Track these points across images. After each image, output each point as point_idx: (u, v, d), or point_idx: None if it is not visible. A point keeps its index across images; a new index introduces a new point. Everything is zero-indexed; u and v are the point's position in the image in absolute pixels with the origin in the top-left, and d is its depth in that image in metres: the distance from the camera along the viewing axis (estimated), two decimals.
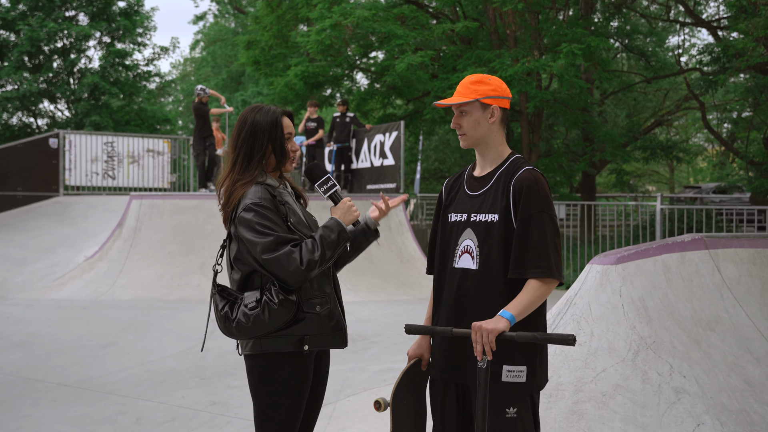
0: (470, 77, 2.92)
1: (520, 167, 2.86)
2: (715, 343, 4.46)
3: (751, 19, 11.90)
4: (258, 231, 2.80)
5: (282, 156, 2.98)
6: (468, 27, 14.29)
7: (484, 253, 2.83)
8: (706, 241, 4.96)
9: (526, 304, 2.69)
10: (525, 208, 2.76)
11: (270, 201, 2.87)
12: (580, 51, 12.97)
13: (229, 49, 38.58)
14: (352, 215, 2.99)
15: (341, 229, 2.92)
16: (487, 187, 2.89)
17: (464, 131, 2.90)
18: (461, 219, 2.93)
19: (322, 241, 2.85)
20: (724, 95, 22.38)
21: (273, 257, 2.78)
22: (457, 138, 18.42)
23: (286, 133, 2.98)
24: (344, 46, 15.67)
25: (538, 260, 2.72)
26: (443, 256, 2.98)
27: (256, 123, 2.94)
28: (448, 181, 3.12)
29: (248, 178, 2.92)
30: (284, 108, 3.06)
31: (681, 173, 41.20)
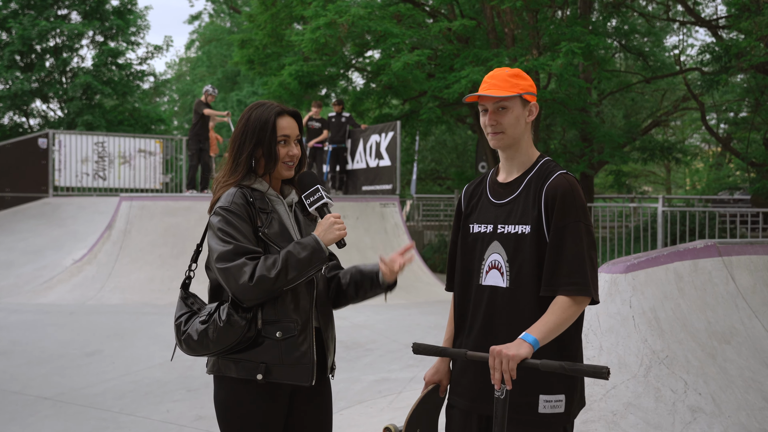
0: (505, 70, 2.62)
1: (552, 172, 2.57)
2: (731, 357, 4.20)
3: (754, 17, 11.65)
4: (219, 237, 2.55)
5: (269, 160, 2.66)
6: (465, 26, 14.01)
7: (515, 269, 2.54)
8: (719, 247, 4.70)
9: (552, 326, 2.40)
10: (559, 218, 2.48)
11: (241, 207, 2.58)
12: (580, 50, 12.71)
13: (225, 49, 38.30)
14: (334, 234, 2.63)
15: (316, 248, 2.57)
16: (516, 195, 2.60)
17: (503, 128, 2.58)
18: (487, 231, 2.64)
19: (286, 258, 2.52)
20: (721, 96, 22.16)
21: (225, 267, 2.50)
22: (454, 138, 18.12)
23: (280, 135, 2.66)
24: (339, 45, 15.38)
25: (573, 275, 2.44)
26: (466, 271, 2.69)
27: (250, 121, 2.68)
28: (467, 188, 2.82)
29: (232, 179, 2.66)
30: (280, 105, 2.75)
31: (677, 174, 41.02)
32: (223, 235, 2.54)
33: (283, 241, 2.63)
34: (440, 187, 30.75)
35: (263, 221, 2.62)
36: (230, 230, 2.54)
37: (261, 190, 2.67)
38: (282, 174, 2.71)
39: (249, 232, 2.57)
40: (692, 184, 39.15)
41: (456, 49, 14.82)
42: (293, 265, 2.52)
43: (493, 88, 2.57)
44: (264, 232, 2.60)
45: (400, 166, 14.55)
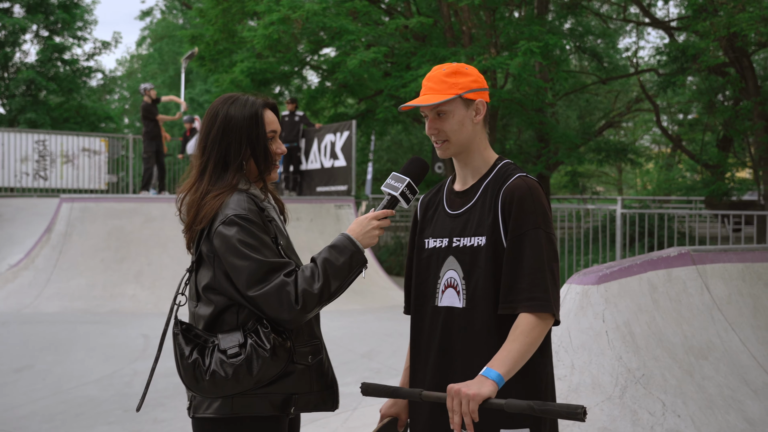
0: (442, 68, 2.29)
1: (510, 174, 2.25)
2: (710, 374, 3.93)
3: (711, 18, 11.57)
4: (243, 253, 2.14)
5: (265, 161, 2.31)
6: (422, 23, 13.70)
7: (472, 286, 2.22)
8: (693, 255, 4.44)
9: (516, 355, 2.07)
10: (517, 225, 2.16)
11: (257, 214, 2.21)
12: (539, 49, 12.51)
13: (177, 46, 37.41)
14: (373, 238, 2.26)
15: (355, 250, 2.22)
16: (472, 203, 2.28)
17: (446, 136, 2.26)
18: (442, 245, 2.31)
19: (325, 267, 2.17)
20: (671, 98, 22.30)
21: (262, 291, 2.12)
22: (410, 138, 17.75)
23: (269, 132, 2.32)
24: (293, 42, 14.94)
25: (532, 290, 2.11)
26: (421, 292, 2.36)
27: (231, 118, 2.28)
28: (423, 198, 2.49)
29: (224, 188, 2.26)
30: (262, 97, 2.38)
31: (628, 174, 41.50)
32: (248, 249, 2.14)
33: (292, 255, 2.31)
34: None
35: (271, 231, 2.25)
36: (256, 243, 2.16)
37: (259, 197, 2.30)
38: (272, 176, 2.36)
39: (271, 243, 2.21)
40: (643, 184, 39.63)
41: (413, 47, 14.51)
42: (334, 275, 2.17)
43: (429, 92, 2.25)
44: (280, 244, 2.23)
45: (356, 166, 14.17)
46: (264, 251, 2.14)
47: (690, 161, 24.51)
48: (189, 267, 2.32)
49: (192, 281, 2.31)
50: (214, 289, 2.22)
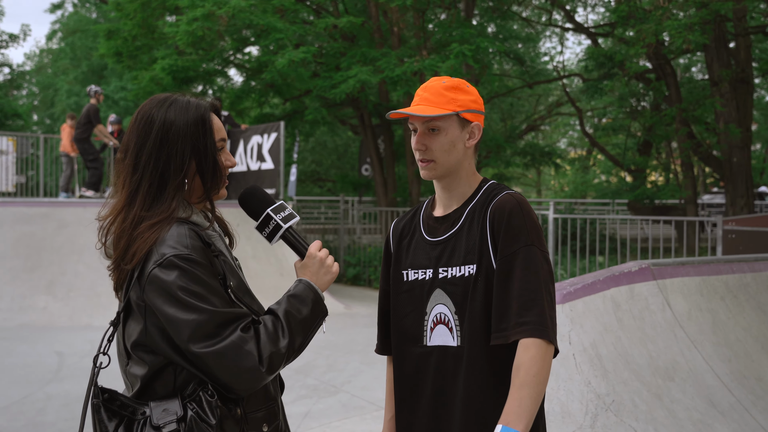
0: (442, 79, 2.00)
1: (497, 193, 2.00)
2: (677, 396, 3.76)
3: (639, 25, 11.70)
4: (186, 303, 1.70)
5: (214, 177, 1.88)
6: (352, 23, 13.39)
7: (466, 321, 1.95)
8: (653, 270, 4.28)
9: (530, 403, 1.81)
10: (507, 243, 1.91)
11: (202, 252, 1.77)
12: (471, 52, 12.39)
13: (90, 41, 35.93)
14: (330, 275, 1.92)
15: (317, 300, 1.87)
16: (457, 229, 2.01)
17: (434, 155, 1.99)
18: (425, 277, 2.03)
19: (289, 321, 1.79)
20: (592, 102, 22.75)
21: (213, 350, 1.69)
22: (335, 139, 17.31)
23: (218, 140, 1.89)
24: (218, 39, 14.37)
25: (525, 314, 1.85)
26: (403, 330, 2.07)
27: (171, 125, 1.83)
28: (396, 225, 2.19)
29: (161, 214, 1.80)
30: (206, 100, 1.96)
31: (545, 176, 42.39)
32: (194, 299, 1.71)
33: (245, 296, 1.86)
34: (321, 189, 30.14)
35: (220, 271, 1.82)
36: (202, 290, 1.72)
37: (201, 225, 1.86)
38: (221, 194, 1.93)
39: (220, 288, 1.78)
40: (561, 187, 40.55)
41: (342, 47, 14.18)
42: (297, 329, 1.81)
43: (424, 102, 1.97)
44: (231, 288, 1.81)
45: None
46: (213, 299, 1.72)
47: (604, 164, 25.13)
48: (114, 319, 1.86)
49: (120, 335, 1.86)
50: (146, 346, 1.79)
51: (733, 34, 14.15)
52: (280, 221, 1.92)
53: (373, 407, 6.05)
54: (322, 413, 5.87)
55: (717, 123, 14.03)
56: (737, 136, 13.24)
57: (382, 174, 15.80)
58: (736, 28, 13.98)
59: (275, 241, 1.94)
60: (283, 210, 1.94)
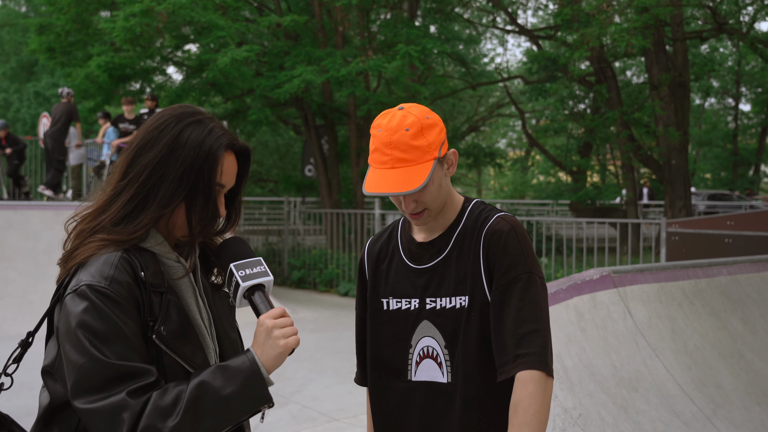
0: (403, 126, 1.76)
1: (487, 217, 1.85)
2: (642, 407, 3.70)
3: (583, 29, 11.81)
4: (80, 342, 1.44)
5: (206, 222, 1.60)
6: (296, 21, 13.15)
7: (458, 356, 1.80)
8: (613, 277, 4.22)
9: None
10: (504, 272, 1.77)
11: (126, 287, 1.49)
12: (417, 53, 12.31)
13: (20, 35, 34.62)
14: (280, 347, 1.54)
15: (252, 378, 1.50)
16: (444, 256, 1.86)
17: (426, 205, 1.82)
18: (410, 307, 1.87)
19: (196, 397, 1.45)
20: (529, 104, 23.02)
21: (90, 408, 1.42)
22: (276, 139, 16.98)
23: (219, 184, 1.60)
24: (156, 36, 13.92)
25: (525, 345, 1.71)
26: (383, 363, 1.91)
27: (182, 146, 1.57)
28: (371, 246, 2.02)
29: (120, 235, 1.55)
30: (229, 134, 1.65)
31: (484, 176, 42.86)
32: (90, 340, 1.44)
33: (185, 345, 1.56)
34: (262, 189, 29.74)
35: (156, 311, 1.53)
36: (105, 332, 1.45)
37: (153, 251, 1.60)
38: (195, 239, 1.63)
39: (136, 333, 1.49)
40: (500, 187, 41.06)
41: (286, 46, 13.92)
42: (207, 409, 1.45)
43: (400, 164, 1.74)
44: (159, 333, 1.52)
45: None
46: (114, 346, 1.43)
47: (542, 165, 25.51)
48: (24, 339, 1.61)
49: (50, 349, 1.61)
50: (52, 374, 1.55)
51: (671, 38, 14.44)
52: (239, 278, 1.58)
53: (324, 418, 5.88)
54: (272, 426, 5.66)
55: (656, 126, 14.30)
56: (676, 138, 13.51)
57: (326, 175, 15.59)
58: (674, 33, 14.28)
59: (240, 304, 1.60)
60: (253, 267, 1.62)
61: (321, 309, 11.24)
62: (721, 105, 35.83)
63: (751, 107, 34.81)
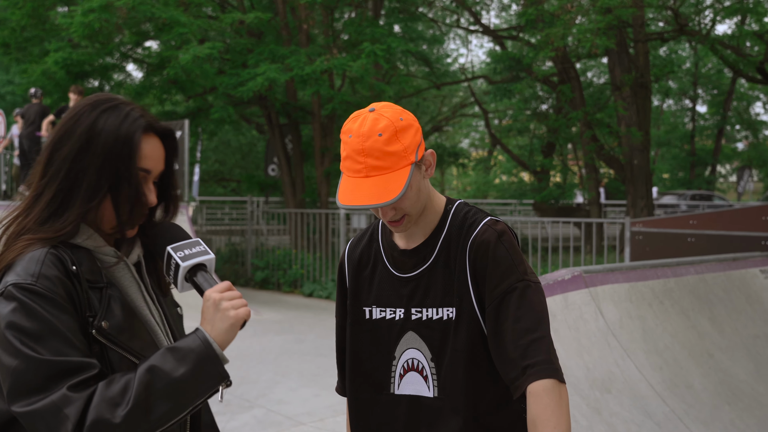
0: (375, 132, 1.64)
1: (473, 223, 1.75)
2: (615, 409, 3.67)
3: (548, 29, 11.85)
4: (11, 344, 1.34)
5: (133, 212, 1.51)
6: (260, 19, 12.97)
7: (444, 370, 1.71)
8: (584, 277, 4.19)
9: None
10: (497, 283, 1.68)
11: (57, 282, 1.40)
12: (383, 52, 12.23)
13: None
14: (229, 319, 1.46)
15: (205, 356, 1.42)
16: (429, 264, 1.76)
17: (404, 211, 1.71)
18: (395, 317, 1.77)
19: (149, 382, 1.37)
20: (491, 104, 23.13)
21: (29, 410, 1.32)
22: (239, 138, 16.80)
23: (143, 169, 1.52)
24: (116, 32, 13.63)
25: (532, 354, 1.61)
26: (364, 374, 1.81)
27: (99, 133, 1.48)
28: (351, 250, 1.90)
29: (47, 233, 1.46)
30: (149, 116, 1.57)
31: (447, 176, 43.02)
32: (22, 340, 1.34)
33: (133, 339, 1.48)
34: (224, 189, 29.40)
35: (96, 306, 1.45)
36: (37, 329, 1.36)
37: (87, 248, 1.51)
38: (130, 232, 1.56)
39: (72, 328, 1.39)
40: (463, 187, 41.24)
41: (249, 44, 13.73)
42: (162, 394, 1.36)
43: (375, 172, 1.63)
44: (100, 328, 1.43)
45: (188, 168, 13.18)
46: (50, 343, 1.34)
47: (505, 165, 25.70)
48: None
49: None
50: None
51: (633, 40, 14.58)
52: (179, 259, 1.50)
53: (290, 422, 5.76)
54: (237, 431, 5.54)
55: (619, 126, 14.43)
56: (638, 138, 13.64)
57: (290, 174, 15.43)
58: (636, 35, 14.42)
59: (182, 287, 1.51)
60: (191, 247, 1.53)
61: (285, 310, 11.10)
62: (679, 106, 36.48)
63: (707, 109, 35.50)
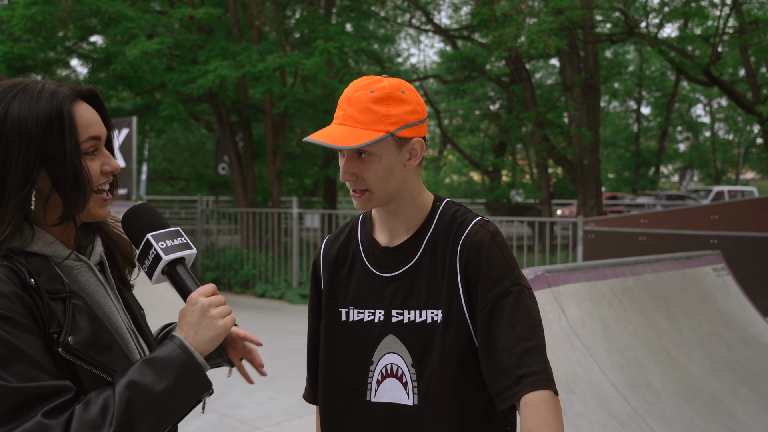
0: (369, 87, 1.60)
1: (462, 222, 1.66)
2: (580, 410, 3.65)
3: (501, 29, 11.91)
4: None
5: (76, 189, 1.38)
6: (211, 14, 12.72)
7: (426, 376, 1.61)
8: (547, 277, 4.17)
9: None
10: (490, 287, 1.59)
11: (15, 299, 1.28)
12: (336, 50, 12.12)
13: None
14: (215, 329, 1.39)
15: (187, 366, 1.34)
16: (413, 263, 1.67)
17: (368, 185, 1.62)
18: (374, 319, 1.67)
19: (129, 400, 1.27)
20: (441, 104, 23.21)
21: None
22: (188, 136, 16.51)
23: (84, 139, 1.40)
24: (60, 26, 13.21)
25: (528, 363, 1.53)
26: (339, 380, 1.70)
27: (13, 122, 1.36)
28: (327, 248, 1.80)
29: None
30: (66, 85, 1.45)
31: None
32: None
33: (103, 353, 1.36)
34: (173, 188, 28.89)
35: (60, 320, 1.33)
36: (2, 356, 1.24)
37: (44, 254, 1.39)
38: (95, 215, 1.44)
39: (38, 349, 1.28)
40: None
41: (200, 40, 13.46)
42: (143, 411, 1.27)
43: (349, 121, 1.57)
44: (67, 345, 1.31)
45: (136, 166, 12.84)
46: (14, 368, 1.23)
47: (455, 164, 25.84)
48: None
49: None
50: None
51: (583, 41, 14.78)
52: (161, 251, 1.41)
53: (246, 427, 5.63)
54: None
55: (570, 126, 14.61)
56: (589, 139, 13.83)
57: (240, 173, 15.19)
58: (586, 36, 14.62)
59: (157, 279, 1.42)
60: (173, 238, 1.45)
61: (237, 311, 10.90)
62: (624, 108, 37.25)
63: (651, 110, 36.34)
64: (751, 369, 5.18)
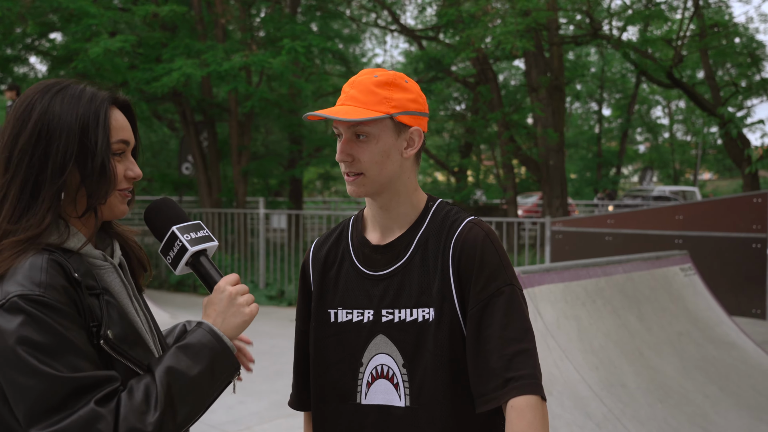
0: (374, 73, 1.62)
1: (455, 221, 1.64)
2: (558, 411, 3.65)
3: (469, 30, 11.95)
4: (25, 362, 1.26)
5: (99, 188, 1.43)
6: (175, 12, 12.54)
7: (418, 377, 1.58)
8: (523, 278, 4.17)
9: None
10: (482, 286, 1.56)
11: (63, 292, 1.33)
12: (303, 49, 12.05)
13: None
14: (242, 316, 1.47)
15: (219, 350, 1.42)
16: (404, 261, 1.63)
17: (362, 168, 1.60)
18: (363, 319, 1.64)
19: (169, 384, 1.33)
20: None
21: (56, 429, 1.23)
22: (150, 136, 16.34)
23: (114, 141, 1.46)
24: (19, 22, 12.90)
25: (517, 366, 1.51)
26: (330, 383, 1.67)
27: (54, 117, 1.42)
28: (316, 250, 1.77)
29: (30, 230, 1.38)
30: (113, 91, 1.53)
31: None
32: (38, 356, 1.26)
33: (134, 348, 1.41)
34: (135, 188, 28.48)
35: (98, 314, 1.38)
36: (51, 345, 1.27)
37: (73, 249, 1.43)
38: (116, 211, 1.49)
39: (84, 341, 1.33)
40: None
41: (164, 38, 13.26)
42: (182, 395, 1.34)
43: (351, 101, 1.59)
44: (107, 337, 1.36)
45: None
46: (66, 358, 1.28)
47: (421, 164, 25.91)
48: None
49: None
50: None
51: (548, 42, 14.90)
52: (186, 242, 1.49)
53: (215, 431, 5.54)
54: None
55: (535, 127, 14.71)
56: (555, 140, 13.93)
57: (205, 173, 15.00)
58: (551, 38, 14.73)
59: (181, 270, 1.51)
60: (197, 230, 1.53)
61: (201, 313, 10.76)
62: (585, 109, 37.72)
63: (612, 112, 36.85)
64: (719, 367, 5.25)
